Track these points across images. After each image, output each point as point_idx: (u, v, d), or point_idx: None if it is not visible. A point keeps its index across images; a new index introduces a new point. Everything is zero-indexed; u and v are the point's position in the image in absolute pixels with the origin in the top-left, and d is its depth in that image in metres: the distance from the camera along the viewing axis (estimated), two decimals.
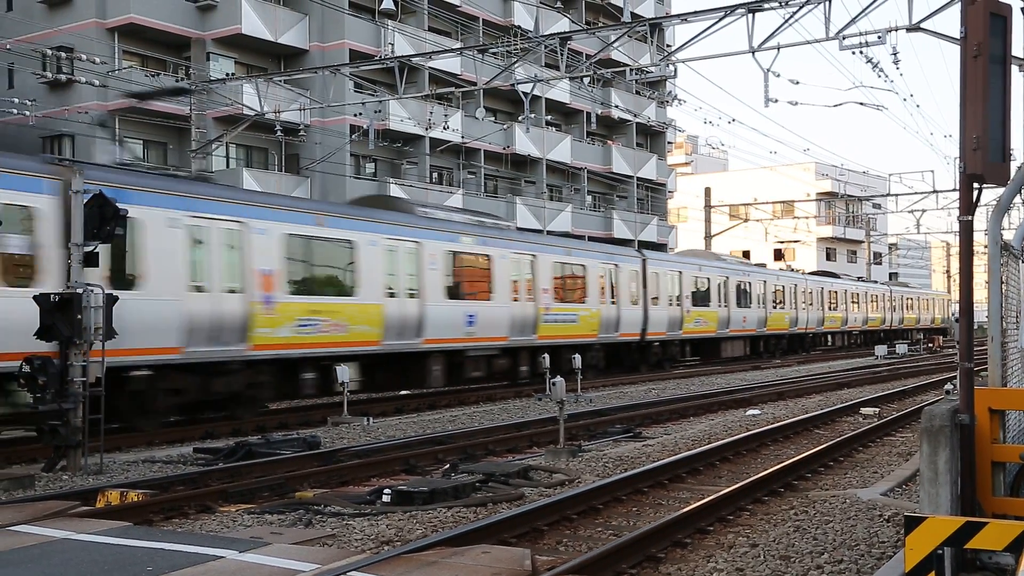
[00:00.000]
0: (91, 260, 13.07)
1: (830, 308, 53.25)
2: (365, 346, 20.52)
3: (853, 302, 57.53)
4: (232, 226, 17.63)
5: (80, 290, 12.58)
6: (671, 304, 34.52)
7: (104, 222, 12.89)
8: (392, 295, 21.29)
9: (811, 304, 49.95)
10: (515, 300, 25.64)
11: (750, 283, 41.87)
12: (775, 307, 44.85)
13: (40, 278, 14.18)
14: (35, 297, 12.82)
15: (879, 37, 19.32)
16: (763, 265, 53.59)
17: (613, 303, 30.38)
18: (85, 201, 12.99)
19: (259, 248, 18.10)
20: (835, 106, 27.35)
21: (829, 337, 55.82)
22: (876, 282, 66.58)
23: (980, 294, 7.89)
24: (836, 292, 54.62)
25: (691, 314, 35.75)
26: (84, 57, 28.55)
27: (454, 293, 23.33)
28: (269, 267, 18.25)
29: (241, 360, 17.76)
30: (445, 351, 23.11)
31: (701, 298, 37.15)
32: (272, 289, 18.25)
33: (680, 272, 35.53)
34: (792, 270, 54.26)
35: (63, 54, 30.99)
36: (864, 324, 59.66)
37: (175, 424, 17.43)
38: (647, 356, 33.71)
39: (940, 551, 4.31)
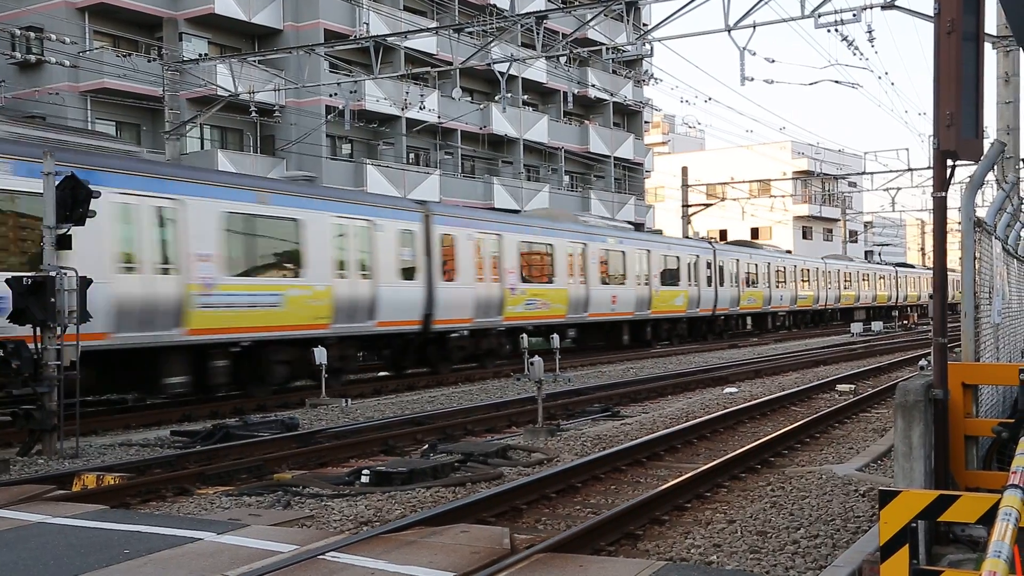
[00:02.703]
0: (64, 243, 12.94)
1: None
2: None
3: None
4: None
5: (53, 273, 12.46)
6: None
7: (77, 204, 12.76)
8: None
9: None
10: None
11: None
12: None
13: None
14: (7, 280, 12.70)
15: (854, 15, 19.40)
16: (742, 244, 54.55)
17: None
18: (57, 183, 12.84)
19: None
20: (811, 84, 27.50)
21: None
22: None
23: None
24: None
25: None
26: (54, 37, 28.15)
27: (410, 274, 22.56)
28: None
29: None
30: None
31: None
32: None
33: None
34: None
35: (32, 34, 30.54)
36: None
37: (151, 407, 17.34)
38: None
39: (914, 524, 4.35)
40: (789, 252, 56.04)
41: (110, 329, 15.53)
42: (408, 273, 22.47)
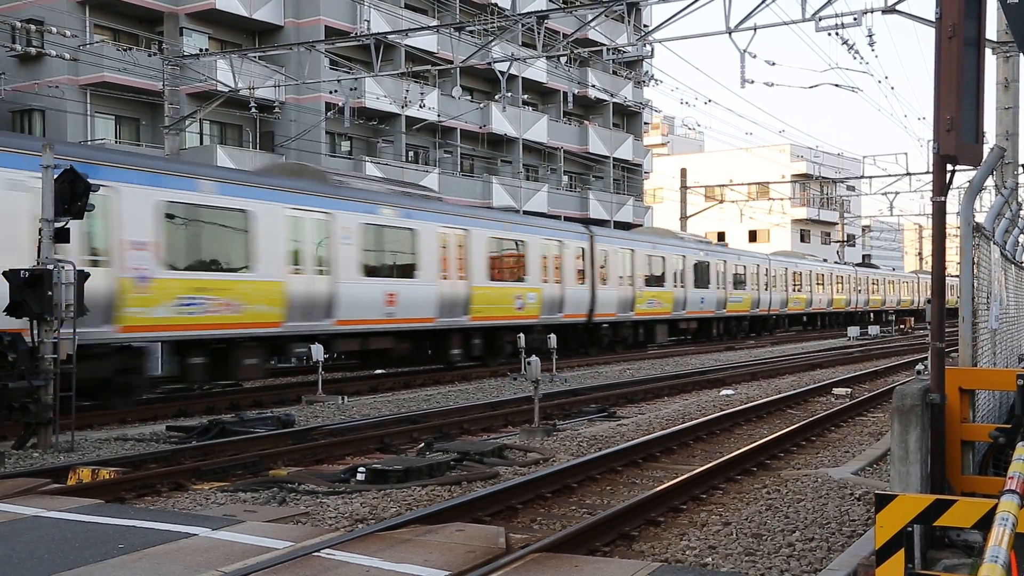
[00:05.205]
0: (62, 236, 12.92)
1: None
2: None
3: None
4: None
5: (51, 266, 12.45)
6: None
7: (75, 197, 12.74)
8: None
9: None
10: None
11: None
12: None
13: None
14: (4, 273, 12.67)
15: (855, 19, 19.42)
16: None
17: None
18: (56, 176, 12.82)
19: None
20: (811, 87, 27.52)
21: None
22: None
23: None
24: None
25: None
26: (55, 30, 28.11)
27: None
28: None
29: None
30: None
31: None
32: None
33: None
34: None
35: (33, 27, 30.48)
36: None
37: (146, 402, 17.31)
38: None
39: (910, 528, 4.35)
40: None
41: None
42: None
